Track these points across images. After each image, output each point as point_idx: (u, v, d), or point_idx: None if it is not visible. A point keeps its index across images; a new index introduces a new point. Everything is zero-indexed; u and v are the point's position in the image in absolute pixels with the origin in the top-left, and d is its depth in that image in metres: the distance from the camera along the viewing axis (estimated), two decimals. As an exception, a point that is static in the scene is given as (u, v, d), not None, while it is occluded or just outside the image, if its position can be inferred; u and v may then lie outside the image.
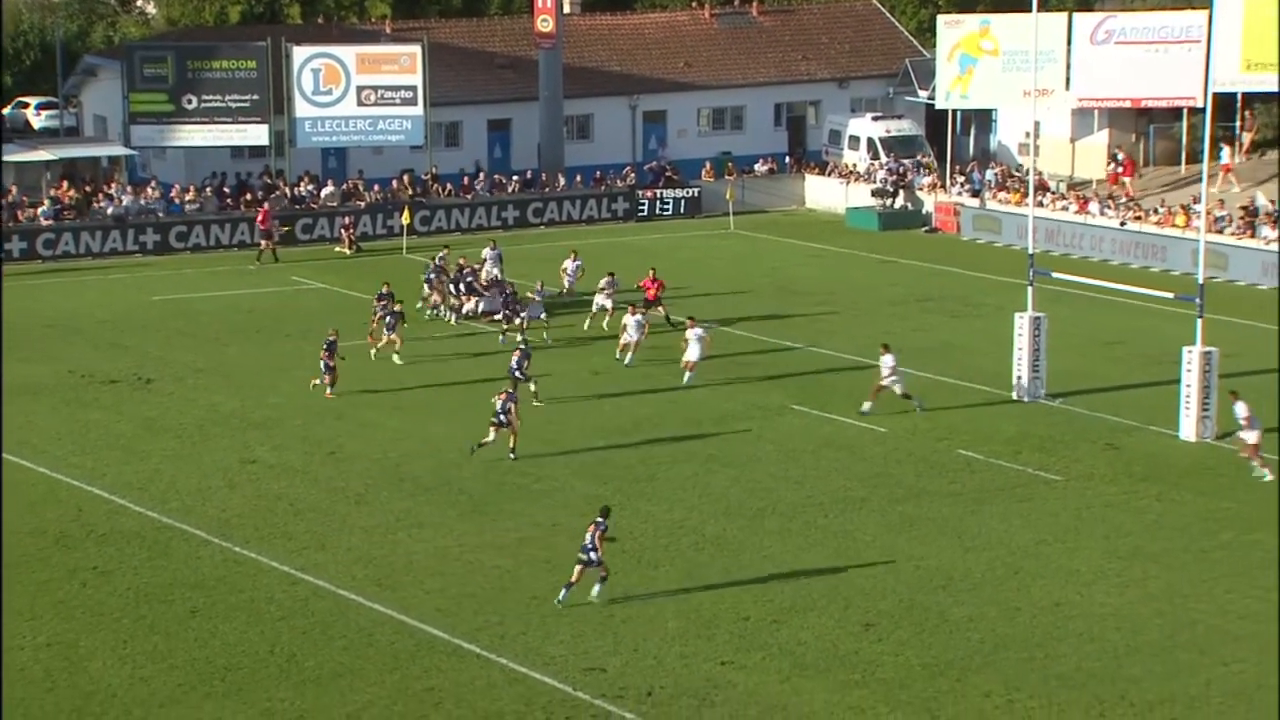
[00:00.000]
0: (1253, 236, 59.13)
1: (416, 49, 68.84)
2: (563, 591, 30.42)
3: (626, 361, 46.49)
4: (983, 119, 76.09)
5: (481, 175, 70.19)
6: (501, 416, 38.19)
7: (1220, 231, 58.84)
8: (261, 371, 46.72)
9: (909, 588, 31.22)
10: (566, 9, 76.28)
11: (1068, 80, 67.62)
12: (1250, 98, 67.54)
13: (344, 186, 68.09)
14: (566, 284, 54.58)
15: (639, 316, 47.07)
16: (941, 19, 72.16)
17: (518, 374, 42.32)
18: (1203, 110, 56.11)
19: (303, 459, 39.18)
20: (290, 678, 27.72)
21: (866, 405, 41.95)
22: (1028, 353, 43.40)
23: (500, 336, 49.41)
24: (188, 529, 34.41)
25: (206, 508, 35.68)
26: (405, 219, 65.25)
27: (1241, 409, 37.50)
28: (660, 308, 49.87)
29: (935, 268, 60.51)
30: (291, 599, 30.89)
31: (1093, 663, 28.04)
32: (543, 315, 50.14)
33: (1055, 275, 47.93)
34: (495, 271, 54.25)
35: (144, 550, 33.34)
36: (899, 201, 69.98)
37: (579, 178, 71.48)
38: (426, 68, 68.40)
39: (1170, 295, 46.21)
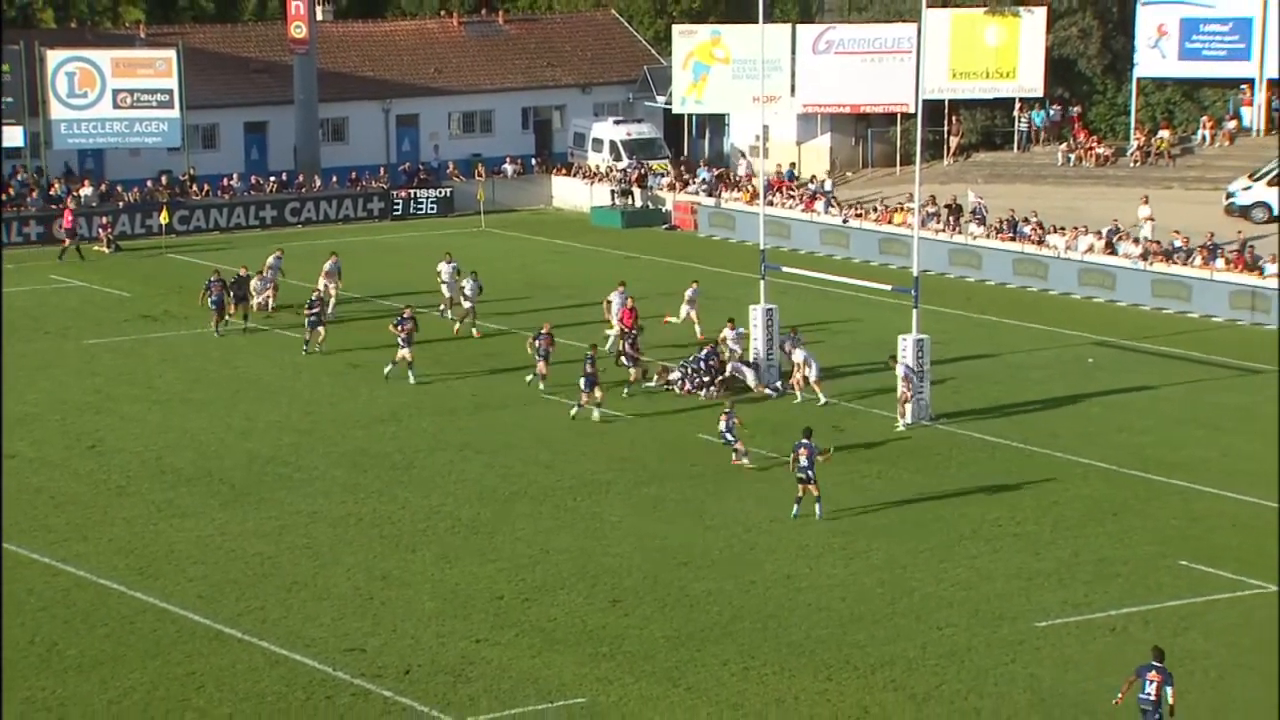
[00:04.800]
0: (959, 233, 62.04)
1: (172, 53, 68.92)
2: (794, 508, 34.83)
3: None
4: (716, 123, 78.50)
5: (237, 176, 70.75)
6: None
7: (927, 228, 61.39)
8: (19, 369, 46.47)
9: (653, 565, 32.38)
10: (320, 16, 76.84)
11: (793, 87, 70.35)
12: (956, 104, 71.15)
13: (100, 187, 68.08)
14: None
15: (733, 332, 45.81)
16: (676, 29, 74.23)
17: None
18: (915, 115, 58.93)
19: (63, 453, 39.27)
20: (51, 666, 27.95)
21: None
22: (762, 343, 45.12)
23: (216, 330, 50.01)
24: (-55, 525, 34.08)
25: (-36, 503, 35.31)
26: (164, 219, 65.71)
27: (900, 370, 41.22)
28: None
29: (675, 263, 61.82)
30: (52, 590, 31.06)
31: (821, 630, 29.41)
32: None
33: (785, 269, 49.84)
34: (327, 281, 52.77)
35: (-100, 547, 32.96)
36: (638, 200, 71.91)
37: (335, 179, 72.34)
38: (182, 72, 68.57)
39: (888, 287, 48.46)
